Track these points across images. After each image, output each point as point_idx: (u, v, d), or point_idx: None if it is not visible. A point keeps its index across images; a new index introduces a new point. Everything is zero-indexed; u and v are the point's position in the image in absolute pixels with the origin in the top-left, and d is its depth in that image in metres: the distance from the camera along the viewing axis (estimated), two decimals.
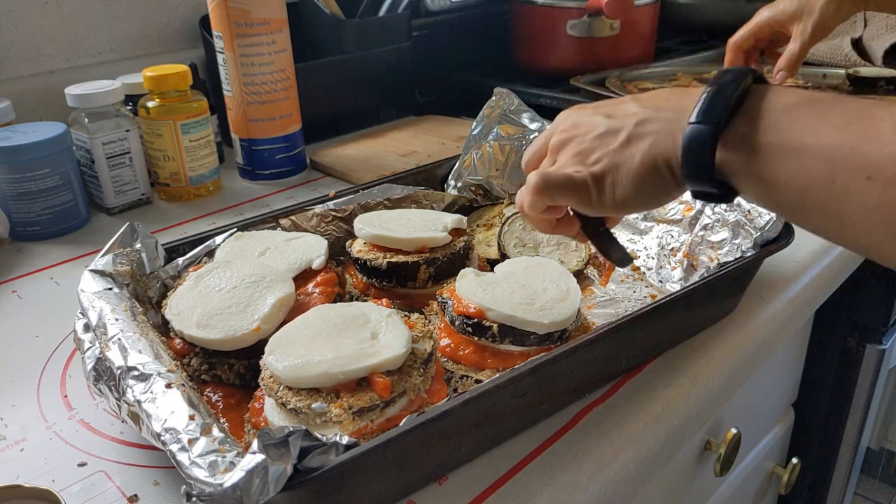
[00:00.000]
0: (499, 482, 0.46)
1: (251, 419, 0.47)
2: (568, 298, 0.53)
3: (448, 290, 0.55)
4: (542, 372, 0.46)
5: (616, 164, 0.48)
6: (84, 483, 0.47)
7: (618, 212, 0.51)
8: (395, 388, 0.44)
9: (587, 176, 0.48)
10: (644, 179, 0.47)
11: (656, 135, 0.46)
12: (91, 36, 1.01)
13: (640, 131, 0.47)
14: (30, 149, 0.77)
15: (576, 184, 0.49)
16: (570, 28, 1.17)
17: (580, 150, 0.50)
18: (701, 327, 0.61)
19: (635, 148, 0.47)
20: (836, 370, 0.99)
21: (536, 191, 0.50)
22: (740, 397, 0.69)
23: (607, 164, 0.48)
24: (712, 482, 0.78)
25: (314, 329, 0.47)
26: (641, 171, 0.46)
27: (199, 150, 0.88)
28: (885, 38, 1.13)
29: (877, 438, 1.18)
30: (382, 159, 0.97)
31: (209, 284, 0.54)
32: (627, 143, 0.47)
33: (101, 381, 0.47)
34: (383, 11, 1.14)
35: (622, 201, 0.48)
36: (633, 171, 0.47)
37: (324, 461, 0.37)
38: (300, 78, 0.93)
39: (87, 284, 0.53)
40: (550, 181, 0.49)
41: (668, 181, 0.46)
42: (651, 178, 0.46)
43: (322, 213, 0.69)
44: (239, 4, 0.84)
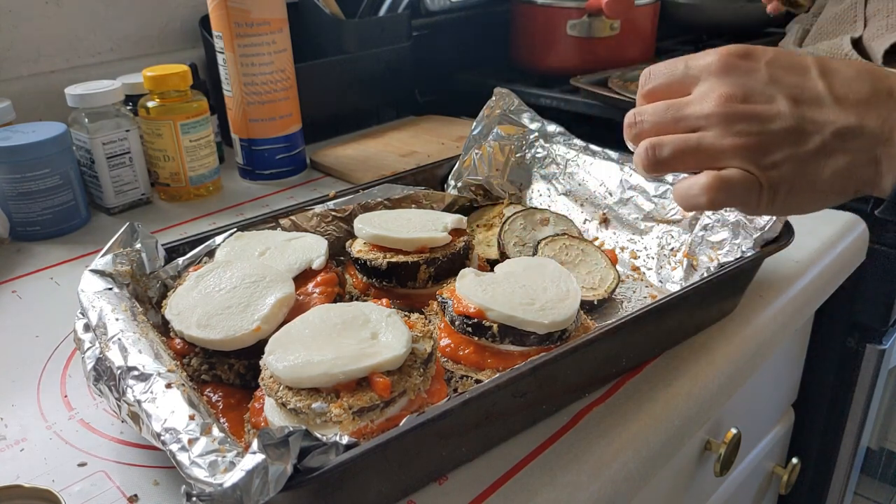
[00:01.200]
0: (499, 482, 0.46)
1: (251, 419, 0.47)
2: (568, 298, 0.53)
3: (448, 290, 0.55)
4: (542, 372, 0.46)
5: (801, 173, 0.41)
6: (84, 483, 0.47)
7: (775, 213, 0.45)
8: (395, 388, 0.44)
9: (765, 182, 0.41)
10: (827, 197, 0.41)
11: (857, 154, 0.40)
12: (91, 36, 1.02)
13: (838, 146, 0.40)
14: (30, 149, 0.77)
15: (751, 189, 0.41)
16: (570, 28, 1.17)
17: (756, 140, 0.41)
18: (701, 327, 0.61)
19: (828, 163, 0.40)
20: (836, 370, 0.99)
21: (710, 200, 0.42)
22: (740, 397, 0.69)
23: (790, 172, 0.41)
24: (712, 482, 0.78)
25: (314, 329, 0.47)
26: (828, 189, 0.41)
27: (199, 150, 0.88)
28: (885, 37, 1.13)
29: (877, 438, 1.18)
30: (382, 159, 0.97)
31: (209, 284, 0.54)
32: (820, 152, 0.40)
33: (101, 381, 0.47)
34: (383, 11, 1.14)
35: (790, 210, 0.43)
36: (817, 187, 0.41)
37: (324, 461, 0.37)
38: (300, 78, 0.93)
39: (87, 284, 0.53)
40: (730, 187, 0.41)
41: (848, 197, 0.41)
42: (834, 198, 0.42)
43: (322, 213, 0.69)
44: (239, 4, 0.84)
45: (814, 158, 0.40)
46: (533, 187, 0.79)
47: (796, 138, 0.40)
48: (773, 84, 0.42)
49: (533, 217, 0.71)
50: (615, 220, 0.73)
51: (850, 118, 0.40)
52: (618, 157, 0.74)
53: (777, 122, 0.41)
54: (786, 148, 0.41)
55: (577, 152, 0.77)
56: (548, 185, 0.78)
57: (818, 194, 0.41)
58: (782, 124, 0.41)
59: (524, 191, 0.80)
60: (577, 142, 0.78)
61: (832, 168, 0.40)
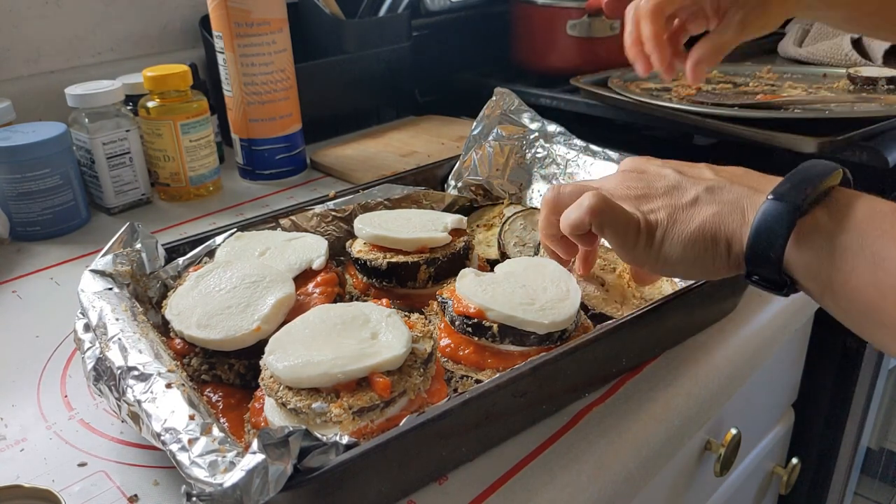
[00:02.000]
0: (499, 482, 0.46)
1: (251, 419, 0.47)
2: (568, 298, 0.53)
3: (448, 290, 0.55)
4: (542, 372, 0.46)
5: (674, 219, 0.45)
6: (84, 483, 0.47)
7: (657, 267, 0.47)
8: (395, 388, 0.44)
9: (643, 221, 0.46)
10: (696, 245, 0.44)
11: (724, 206, 0.44)
12: (91, 36, 1.02)
13: (708, 197, 0.45)
14: (30, 149, 0.77)
15: (630, 222, 0.46)
16: (570, 28, 1.17)
17: (641, 193, 0.47)
18: (701, 327, 0.61)
19: (698, 211, 0.45)
20: (836, 370, 0.99)
21: (592, 212, 0.46)
22: (740, 397, 0.69)
23: (664, 217, 0.46)
24: (712, 482, 0.78)
25: (314, 329, 0.47)
26: (697, 235, 0.44)
27: (199, 150, 0.88)
28: None
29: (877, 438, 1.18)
30: (382, 159, 0.97)
31: (209, 284, 0.54)
32: (693, 203, 0.45)
33: (101, 380, 0.47)
34: (383, 11, 1.14)
35: (664, 259, 0.46)
36: (687, 233, 0.44)
37: (324, 461, 0.37)
38: (300, 78, 0.93)
39: (87, 284, 0.53)
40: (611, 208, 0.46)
41: (721, 256, 0.44)
42: (703, 247, 0.44)
43: (322, 213, 0.69)
44: (239, 4, 0.84)
45: (687, 208, 0.46)
46: (533, 187, 0.79)
47: (675, 192, 0.47)
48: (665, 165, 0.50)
49: (533, 217, 0.71)
50: None
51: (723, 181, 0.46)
52: (618, 158, 0.74)
53: (661, 181, 0.48)
54: (665, 199, 0.47)
55: (577, 152, 0.77)
56: (548, 185, 0.78)
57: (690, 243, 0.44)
58: (665, 183, 0.48)
59: (524, 191, 0.80)
60: (577, 142, 0.78)
61: (702, 216, 0.44)
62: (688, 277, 0.50)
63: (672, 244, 0.45)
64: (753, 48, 1.34)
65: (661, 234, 0.46)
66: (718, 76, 1.15)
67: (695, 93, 1.04)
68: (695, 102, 0.96)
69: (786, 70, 1.17)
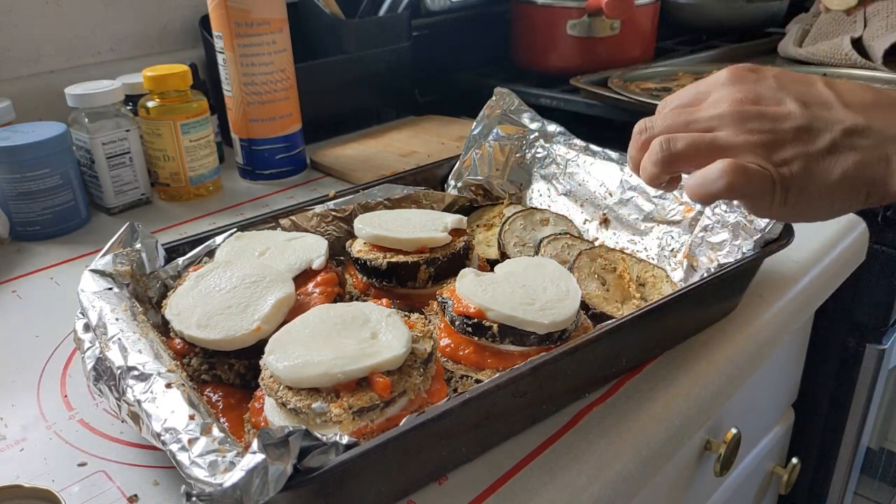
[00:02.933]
0: (499, 482, 0.46)
1: (251, 419, 0.47)
2: (568, 298, 0.53)
3: (448, 290, 0.55)
4: (542, 372, 0.46)
5: (811, 171, 0.41)
6: (84, 483, 0.47)
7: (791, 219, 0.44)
8: (395, 387, 0.44)
9: (777, 178, 0.41)
10: (838, 197, 0.41)
11: (866, 152, 0.40)
12: (91, 36, 1.02)
13: (847, 142, 0.41)
14: (30, 149, 0.77)
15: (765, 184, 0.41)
16: (570, 28, 1.17)
17: (768, 139, 0.42)
18: (701, 327, 0.61)
19: (838, 161, 0.41)
20: (836, 370, 0.99)
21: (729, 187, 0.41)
22: (740, 397, 0.69)
23: (801, 169, 0.41)
24: (712, 482, 0.78)
25: (314, 329, 0.47)
26: (838, 189, 0.41)
27: (199, 150, 0.88)
28: (885, 37, 1.13)
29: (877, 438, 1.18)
30: (382, 159, 0.97)
31: (209, 284, 0.54)
32: (830, 151, 0.41)
33: (101, 380, 0.47)
34: (383, 11, 1.14)
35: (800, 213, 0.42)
36: (828, 187, 0.41)
37: (324, 461, 0.37)
38: (300, 78, 0.93)
39: (87, 284, 0.53)
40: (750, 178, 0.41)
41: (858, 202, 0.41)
42: (846, 198, 0.41)
43: (322, 213, 0.69)
44: (239, 4, 0.84)
45: (824, 157, 0.41)
46: (533, 187, 0.79)
47: (807, 137, 0.41)
48: (782, 90, 0.43)
49: (533, 217, 0.71)
50: (615, 220, 0.73)
51: (857, 118, 0.41)
52: (618, 158, 0.74)
53: (788, 121, 0.42)
54: (797, 145, 0.41)
55: (577, 152, 0.77)
56: (548, 185, 0.78)
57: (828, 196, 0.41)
58: (793, 123, 0.41)
59: (524, 191, 0.80)
60: (577, 142, 0.78)
61: (842, 167, 0.40)
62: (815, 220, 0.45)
63: (810, 199, 0.41)
64: (753, 49, 1.34)
65: (797, 188, 0.41)
66: None
67: None
68: None
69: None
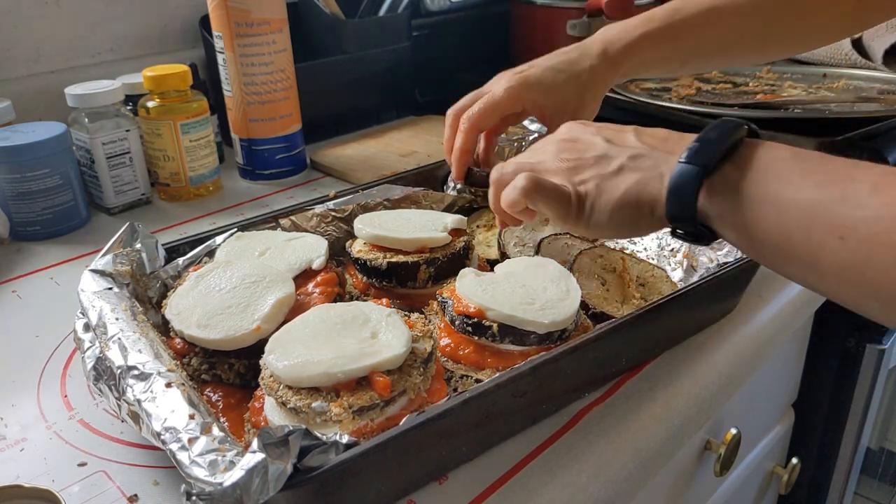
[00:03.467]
0: (499, 482, 0.46)
1: (251, 418, 0.47)
2: (568, 298, 0.53)
3: (448, 290, 0.55)
4: (542, 371, 0.46)
5: (601, 189, 0.49)
6: (84, 483, 0.47)
7: (589, 233, 0.52)
8: (395, 387, 0.44)
9: (572, 191, 0.50)
10: (622, 210, 0.48)
11: (646, 171, 0.47)
12: (91, 36, 1.02)
13: (631, 164, 0.48)
14: (30, 149, 0.77)
15: (561, 197, 0.50)
16: (570, 28, 1.17)
17: (573, 165, 0.51)
18: (701, 327, 0.61)
19: (623, 179, 0.48)
20: (836, 370, 0.99)
21: (525, 193, 0.50)
22: (740, 397, 0.69)
23: (593, 187, 0.49)
24: (712, 482, 0.78)
25: (314, 329, 0.47)
26: (622, 202, 0.48)
27: (199, 150, 0.88)
28: (885, 37, 1.13)
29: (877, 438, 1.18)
30: (382, 159, 0.97)
31: (209, 284, 0.54)
32: (618, 172, 0.49)
33: (101, 380, 0.47)
34: (383, 11, 1.14)
35: (595, 225, 0.50)
36: (613, 201, 0.48)
37: (324, 460, 0.37)
38: (300, 78, 0.93)
39: (87, 284, 0.53)
40: (541, 187, 0.50)
41: (646, 218, 0.48)
42: (629, 212, 0.48)
43: (322, 213, 0.69)
44: (239, 4, 0.84)
45: (613, 176, 0.49)
46: None
47: (604, 163, 0.50)
48: (597, 133, 0.52)
49: None
50: None
51: (644, 147, 0.49)
52: None
53: (591, 151, 0.51)
54: (595, 169, 0.50)
55: None
56: None
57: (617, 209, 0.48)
58: (594, 153, 0.51)
59: None
60: None
61: (626, 183, 0.48)
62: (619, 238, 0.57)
63: (600, 212, 0.49)
64: None
65: (590, 204, 0.49)
66: (718, 76, 1.15)
67: (695, 93, 1.04)
68: (694, 102, 0.96)
69: (785, 70, 1.17)
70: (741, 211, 0.42)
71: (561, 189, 0.50)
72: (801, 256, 0.40)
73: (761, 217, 0.42)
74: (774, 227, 0.41)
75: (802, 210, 0.40)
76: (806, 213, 0.39)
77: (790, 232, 0.40)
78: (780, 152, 0.43)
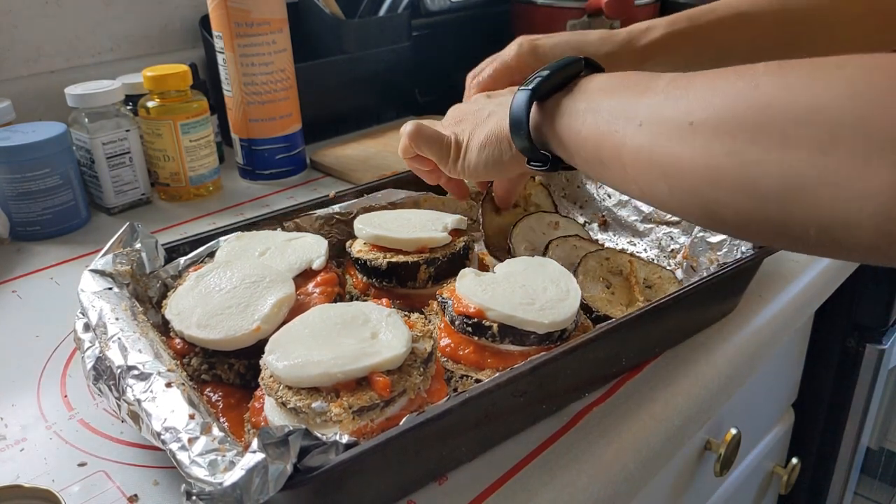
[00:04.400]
0: (499, 482, 0.46)
1: (251, 418, 0.47)
2: (568, 298, 0.53)
3: (448, 290, 0.55)
4: (541, 371, 0.46)
5: (473, 133, 0.56)
6: (84, 483, 0.47)
7: (465, 175, 0.58)
8: (394, 387, 0.44)
9: (451, 137, 0.58)
10: (487, 148, 0.55)
11: (502, 109, 0.54)
12: (91, 36, 1.02)
13: (497, 109, 0.56)
14: (30, 149, 0.77)
15: (440, 140, 0.58)
16: (569, 28, 1.17)
17: (458, 119, 0.60)
18: (701, 327, 0.61)
19: (488, 122, 0.56)
20: (836, 370, 0.99)
21: (409, 136, 0.59)
22: (740, 397, 0.69)
23: (467, 132, 0.57)
24: (712, 482, 0.78)
25: (314, 329, 0.47)
26: (486, 141, 0.55)
27: (199, 150, 0.88)
28: None
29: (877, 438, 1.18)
30: (382, 159, 0.97)
31: (209, 284, 0.54)
32: (486, 118, 0.56)
33: (101, 380, 0.47)
34: (383, 11, 1.14)
35: (468, 164, 0.57)
36: (480, 141, 0.56)
37: (324, 460, 0.37)
38: (300, 78, 0.93)
39: (87, 284, 0.53)
40: (421, 133, 0.59)
41: (506, 152, 0.54)
42: (492, 149, 0.55)
43: (325, 216, 0.69)
44: (239, 4, 0.84)
45: (483, 122, 0.57)
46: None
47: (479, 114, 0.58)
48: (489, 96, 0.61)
49: (542, 220, 0.71)
50: (614, 222, 0.73)
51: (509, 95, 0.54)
52: None
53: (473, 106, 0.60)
54: (471, 119, 0.58)
55: None
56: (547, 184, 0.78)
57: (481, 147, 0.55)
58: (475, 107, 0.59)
59: None
60: None
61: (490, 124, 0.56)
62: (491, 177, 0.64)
63: (471, 152, 0.56)
64: None
65: (464, 146, 0.57)
66: None
67: None
68: None
69: None
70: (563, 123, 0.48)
71: (439, 134, 0.58)
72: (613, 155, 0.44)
73: (581, 125, 0.46)
74: (590, 130, 0.46)
75: (612, 109, 0.44)
76: (614, 110, 0.44)
77: (601, 132, 0.45)
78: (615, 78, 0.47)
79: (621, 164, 0.43)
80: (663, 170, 0.40)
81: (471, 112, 0.59)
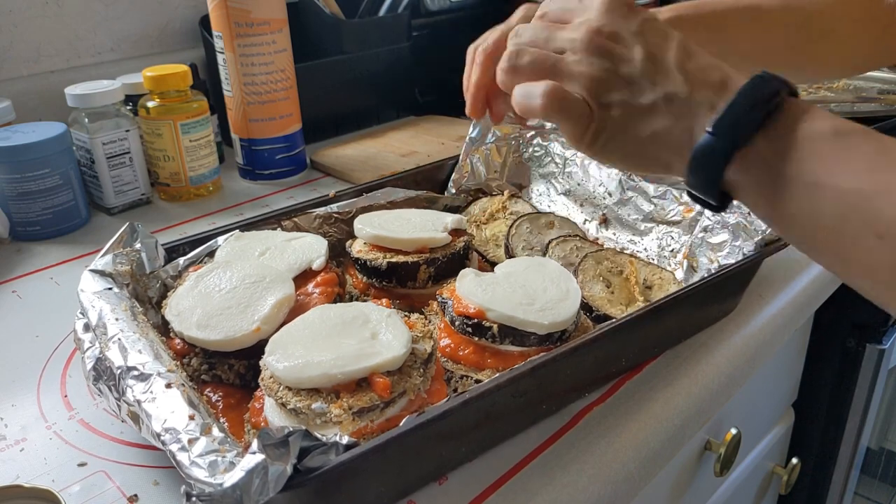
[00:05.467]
0: (499, 482, 0.46)
1: (251, 419, 0.47)
2: (568, 298, 0.53)
3: (448, 290, 0.55)
4: (541, 372, 0.46)
5: (625, 124, 0.43)
6: (84, 483, 0.47)
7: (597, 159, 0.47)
8: (394, 388, 0.44)
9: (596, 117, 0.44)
10: (640, 154, 0.44)
11: (676, 121, 0.42)
12: (91, 36, 1.02)
13: (664, 107, 0.42)
14: (30, 149, 0.77)
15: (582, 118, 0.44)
16: None
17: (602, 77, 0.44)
18: (701, 327, 0.61)
19: (650, 121, 0.43)
20: (836, 370, 0.99)
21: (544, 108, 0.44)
22: (740, 397, 0.69)
23: (616, 118, 0.43)
24: (712, 482, 0.78)
25: (314, 329, 0.47)
26: (642, 147, 0.44)
27: (199, 150, 0.88)
28: None
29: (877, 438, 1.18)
30: (382, 159, 0.97)
31: (209, 285, 0.54)
32: (649, 110, 0.43)
33: (101, 380, 0.47)
34: (383, 11, 1.14)
35: (606, 155, 0.45)
36: (633, 141, 0.44)
37: (324, 461, 0.37)
38: (300, 78, 0.93)
39: (87, 284, 0.53)
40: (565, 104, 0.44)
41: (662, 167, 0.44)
42: (649, 157, 0.44)
43: (324, 215, 0.69)
44: (239, 4, 0.84)
45: (643, 114, 0.43)
46: (532, 187, 0.79)
47: (637, 91, 0.43)
48: (639, 35, 0.44)
49: (538, 221, 0.71)
50: (615, 220, 0.73)
51: (683, 87, 0.42)
52: None
53: (626, 67, 0.43)
54: (623, 92, 0.43)
55: (575, 151, 0.77)
56: (547, 184, 0.78)
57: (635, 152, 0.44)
58: (629, 70, 0.43)
59: (523, 191, 0.80)
60: None
61: (653, 127, 0.43)
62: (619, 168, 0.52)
63: (616, 146, 0.44)
64: None
65: (608, 135, 0.44)
66: None
67: None
68: None
69: None
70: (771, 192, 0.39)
71: (585, 108, 0.44)
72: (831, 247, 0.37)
73: (792, 201, 0.38)
74: (806, 211, 0.38)
75: (838, 199, 0.36)
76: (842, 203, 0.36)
77: (822, 220, 0.37)
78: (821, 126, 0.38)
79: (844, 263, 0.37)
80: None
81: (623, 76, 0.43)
